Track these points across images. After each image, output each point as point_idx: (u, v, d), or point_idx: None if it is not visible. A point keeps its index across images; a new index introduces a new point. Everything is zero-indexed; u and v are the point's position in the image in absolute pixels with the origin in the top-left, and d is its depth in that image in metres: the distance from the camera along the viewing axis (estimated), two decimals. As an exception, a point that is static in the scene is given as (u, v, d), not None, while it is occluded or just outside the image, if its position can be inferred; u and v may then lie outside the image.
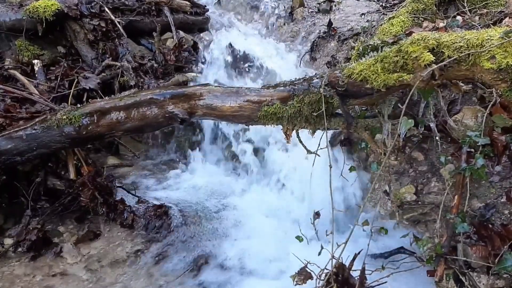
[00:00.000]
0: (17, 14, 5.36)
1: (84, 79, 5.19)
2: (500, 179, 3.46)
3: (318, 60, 6.30)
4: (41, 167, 4.31)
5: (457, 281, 3.17)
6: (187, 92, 3.71)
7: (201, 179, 5.34)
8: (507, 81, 2.56)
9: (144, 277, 3.92)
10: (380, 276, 3.19)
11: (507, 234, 3.14)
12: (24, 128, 3.89)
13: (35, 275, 3.84)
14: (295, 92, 3.35)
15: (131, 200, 4.57)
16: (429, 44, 2.72)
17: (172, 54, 5.92)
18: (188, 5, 6.59)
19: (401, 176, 3.98)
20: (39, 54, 5.42)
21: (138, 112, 3.76)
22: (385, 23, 4.78)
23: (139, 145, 5.64)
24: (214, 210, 4.76)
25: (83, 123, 3.83)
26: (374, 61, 3.00)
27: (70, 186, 4.31)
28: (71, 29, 5.52)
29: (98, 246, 4.16)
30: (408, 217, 3.86)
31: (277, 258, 4.14)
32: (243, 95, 3.52)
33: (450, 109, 3.86)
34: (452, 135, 3.69)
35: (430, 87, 2.85)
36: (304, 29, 6.99)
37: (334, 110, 3.36)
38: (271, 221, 4.68)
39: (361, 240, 3.48)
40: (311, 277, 3.09)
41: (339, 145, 4.55)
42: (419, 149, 3.97)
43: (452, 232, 3.26)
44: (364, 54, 3.31)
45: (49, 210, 4.30)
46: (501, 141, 3.38)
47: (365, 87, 3.06)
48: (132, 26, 6.01)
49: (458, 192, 3.37)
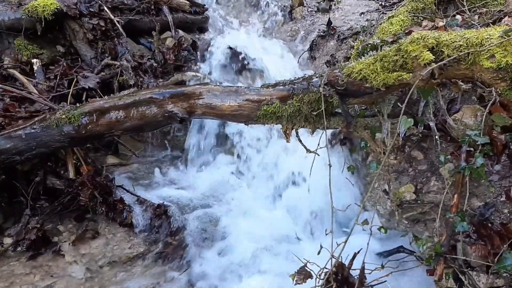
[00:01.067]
0: (16, 13, 5.35)
1: (83, 78, 5.18)
2: (499, 178, 3.46)
3: (318, 59, 6.30)
4: (40, 167, 4.31)
5: (456, 280, 3.17)
6: (186, 91, 3.70)
7: (201, 177, 5.35)
8: (506, 80, 2.56)
9: (142, 276, 3.92)
10: (380, 275, 3.19)
11: (506, 233, 3.14)
12: (23, 128, 3.88)
13: (34, 274, 3.84)
14: (295, 91, 3.35)
15: (131, 199, 4.56)
16: (429, 43, 2.72)
17: (172, 53, 5.91)
18: (187, 4, 6.59)
19: (400, 175, 3.98)
20: (38, 53, 5.41)
21: (137, 111, 3.76)
22: (384, 22, 4.77)
23: (138, 144, 5.63)
24: (213, 208, 4.77)
25: (82, 122, 3.83)
26: (373, 60, 2.99)
27: (69, 186, 4.30)
28: (70, 28, 5.51)
29: (97, 246, 4.16)
30: (408, 216, 3.86)
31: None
32: (242, 94, 3.51)
33: (449, 108, 3.85)
34: (451, 134, 3.69)
35: (429, 86, 2.85)
36: (303, 28, 7.01)
37: (333, 109, 3.36)
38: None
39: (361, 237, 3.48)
40: (310, 276, 3.09)
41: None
42: (419, 148, 3.97)
43: (451, 231, 3.27)
44: (364, 53, 3.31)
45: (48, 209, 4.30)
46: (501, 140, 3.38)
47: (365, 86, 3.06)
48: (131, 25, 6.00)
49: (458, 191, 3.37)
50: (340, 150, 4.44)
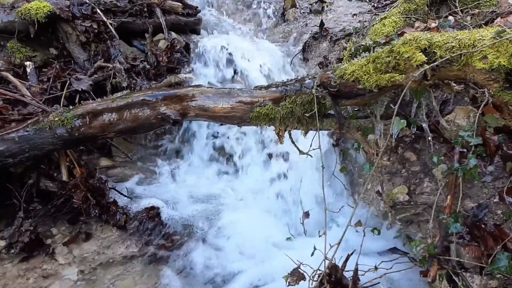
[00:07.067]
0: (9, 16, 5.34)
1: (76, 80, 5.16)
2: (492, 179, 3.47)
3: (310, 60, 6.30)
4: (33, 169, 4.29)
5: (450, 281, 3.18)
6: (179, 93, 3.70)
7: (193, 179, 5.35)
8: (499, 81, 2.57)
9: (136, 278, 3.92)
10: (373, 276, 3.20)
11: (500, 234, 3.15)
12: (16, 130, 3.87)
13: (27, 276, 3.83)
14: (287, 93, 3.35)
15: (124, 202, 4.55)
16: (421, 44, 2.73)
17: (164, 55, 5.90)
18: (180, 6, 6.57)
19: (393, 177, 3.99)
20: (31, 56, 5.40)
21: (130, 113, 3.75)
22: (377, 24, 4.79)
23: (131, 146, 5.62)
24: (206, 209, 4.77)
25: (75, 124, 3.82)
26: (366, 62, 3.00)
27: (62, 188, 4.29)
28: (63, 30, 5.50)
29: (90, 248, 4.15)
30: (401, 218, 3.87)
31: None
32: (235, 96, 3.51)
33: (442, 109, 3.87)
34: (444, 135, 3.70)
35: (422, 87, 2.86)
36: (296, 30, 7.01)
37: (326, 111, 3.36)
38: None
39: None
40: (304, 278, 3.10)
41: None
42: (412, 150, 3.98)
43: (445, 232, 3.28)
44: (356, 55, 3.32)
45: (41, 211, 4.28)
46: (494, 141, 3.39)
47: (357, 88, 3.07)
48: (124, 28, 5.98)
49: (451, 192, 3.38)
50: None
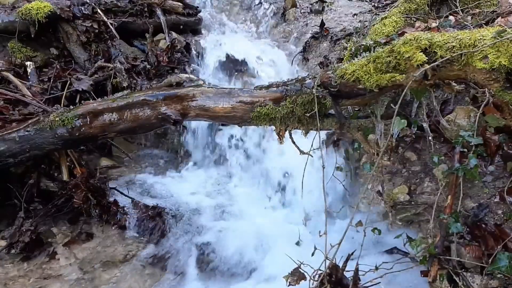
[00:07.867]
0: (10, 16, 5.35)
1: (76, 80, 5.17)
2: (493, 179, 3.47)
3: (311, 60, 6.29)
4: (34, 169, 4.30)
5: (450, 281, 3.17)
6: (179, 93, 3.71)
7: (195, 179, 5.35)
8: (499, 81, 2.56)
9: (136, 279, 3.91)
10: (374, 276, 3.19)
11: (500, 234, 3.14)
12: (17, 130, 3.87)
13: (28, 276, 3.83)
14: (288, 93, 3.35)
15: (125, 201, 4.55)
16: (422, 44, 2.73)
17: (165, 55, 5.90)
18: (180, 6, 6.57)
19: (394, 177, 3.99)
20: (32, 56, 5.40)
21: (131, 113, 3.76)
22: (377, 24, 4.78)
23: (132, 146, 5.62)
24: (207, 210, 4.77)
25: (75, 124, 3.82)
26: (366, 62, 2.99)
27: (63, 188, 4.29)
28: (63, 30, 5.51)
29: (91, 248, 4.15)
30: (402, 218, 3.87)
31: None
32: (235, 96, 3.51)
33: (443, 109, 3.87)
34: (445, 135, 3.70)
35: (422, 87, 2.86)
36: (296, 30, 6.99)
37: (326, 111, 3.36)
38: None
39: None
40: (304, 278, 3.09)
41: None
42: (412, 149, 3.98)
43: (445, 232, 3.27)
44: (357, 55, 3.31)
45: (42, 211, 4.28)
46: (494, 141, 3.39)
47: (358, 88, 3.07)
48: (124, 28, 5.98)
49: (451, 192, 3.38)
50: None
